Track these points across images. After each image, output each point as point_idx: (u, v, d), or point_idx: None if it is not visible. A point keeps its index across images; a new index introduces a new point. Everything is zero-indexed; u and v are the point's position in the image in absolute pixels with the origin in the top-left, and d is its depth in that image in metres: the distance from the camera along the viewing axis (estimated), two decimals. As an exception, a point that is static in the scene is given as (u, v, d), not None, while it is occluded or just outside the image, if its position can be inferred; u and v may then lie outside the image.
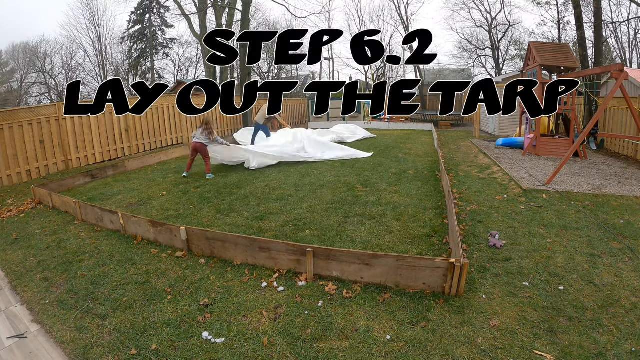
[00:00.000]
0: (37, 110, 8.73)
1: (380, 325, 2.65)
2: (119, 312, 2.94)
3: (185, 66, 37.73)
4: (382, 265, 3.06)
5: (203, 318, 2.80)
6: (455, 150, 10.19)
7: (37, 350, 2.61)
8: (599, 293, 2.97)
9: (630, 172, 6.89)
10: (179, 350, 2.47)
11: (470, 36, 29.56)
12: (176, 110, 12.78)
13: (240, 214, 5.18)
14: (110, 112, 10.35)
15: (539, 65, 8.69)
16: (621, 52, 24.86)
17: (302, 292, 3.09)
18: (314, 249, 3.25)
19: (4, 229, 5.19)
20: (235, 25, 19.02)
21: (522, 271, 3.34)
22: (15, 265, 3.98)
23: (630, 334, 2.48)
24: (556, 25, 21.83)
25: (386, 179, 6.83)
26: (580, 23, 10.56)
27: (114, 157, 10.49)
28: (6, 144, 7.88)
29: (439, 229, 4.35)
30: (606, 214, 4.68)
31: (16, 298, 3.34)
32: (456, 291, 2.93)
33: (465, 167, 7.91)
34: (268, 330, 2.64)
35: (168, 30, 34.92)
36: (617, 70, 6.26)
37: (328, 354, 2.38)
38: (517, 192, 5.68)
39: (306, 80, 35.47)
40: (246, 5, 14.74)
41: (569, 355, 2.30)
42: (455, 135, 14.04)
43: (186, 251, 3.93)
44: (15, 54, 34.23)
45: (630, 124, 8.44)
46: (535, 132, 8.84)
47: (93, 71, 34.02)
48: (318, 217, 4.90)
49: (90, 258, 3.99)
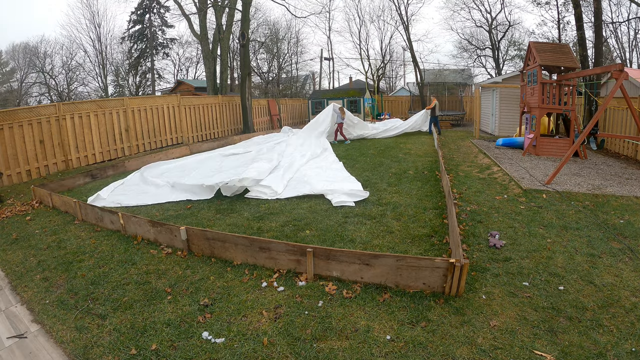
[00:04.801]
0: (37, 110, 8.73)
1: (380, 325, 2.65)
2: (119, 312, 2.94)
3: (185, 66, 37.77)
4: (382, 265, 3.06)
5: (203, 318, 2.80)
6: (455, 150, 10.19)
7: (37, 350, 2.61)
8: (599, 293, 2.97)
9: (630, 172, 6.88)
10: (179, 350, 2.47)
11: (470, 36, 29.57)
12: (176, 110, 12.79)
13: (240, 214, 5.18)
14: (110, 112, 10.37)
15: (539, 65, 8.68)
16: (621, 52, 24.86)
17: (302, 292, 3.09)
18: (314, 249, 3.25)
19: (4, 229, 5.19)
20: (235, 25, 19.05)
21: (522, 271, 3.34)
22: (15, 265, 3.98)
23: (630, 334, 2.48)
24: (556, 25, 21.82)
25: (386, 179, 6.83)
26: (580, 23, 10.56)
27: (114, 157, 10.50)
28: (6, 144, 7.88)
29: (439, 229, 4.35)
30: (606, 214, 4.67)
31: (16, 298, 3.34)
32: (456, 291, 2.93)
33: (465, 167, 7.91)
34: (268, 330, 2.64)
35: (168, 30, 34.98)
36: (617, 70, 6.25)
37: (328, 354, 2.38)
38: (517, 192, 5.68)
39: (306, 80, 35.46)
40: (246, 5, 14.74)
41: (569, 355, 2.30)
42: (455, 135, 14.04)
43: (186, 251, 3.93)
44: (15, 54, 34.27)
45: (630, 124, 8.44)
46: (535, 132, 8.84)
47: (93, 71, 34.05)
48: (318, 217, 4.89)
49: (90, 258, 3.99)
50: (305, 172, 7.00)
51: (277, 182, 6.19)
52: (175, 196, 6.04)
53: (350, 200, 5.44)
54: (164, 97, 13.19)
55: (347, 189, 5.71)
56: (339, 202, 5.36)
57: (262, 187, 5.99)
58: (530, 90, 9.33)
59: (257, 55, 31.56)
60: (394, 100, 25.44)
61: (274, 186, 5.99)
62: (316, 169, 7.33)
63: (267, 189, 5.95)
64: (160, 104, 12.21)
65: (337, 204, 5.32)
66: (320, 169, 7.42)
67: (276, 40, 31.95)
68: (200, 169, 7.54)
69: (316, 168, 7.45)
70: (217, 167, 7.71)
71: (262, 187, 5.98)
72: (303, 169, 7.35)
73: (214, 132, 14.74)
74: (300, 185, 6.22)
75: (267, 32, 31.95)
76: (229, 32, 18.30)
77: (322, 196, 5.75)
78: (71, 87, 34.45)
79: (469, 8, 27.80)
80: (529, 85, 9.48)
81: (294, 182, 6.51)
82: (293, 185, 6.33)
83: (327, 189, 5.83)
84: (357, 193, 5.64)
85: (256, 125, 16.64)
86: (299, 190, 5.96)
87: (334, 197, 5.52)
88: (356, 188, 5.83)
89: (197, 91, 22.41)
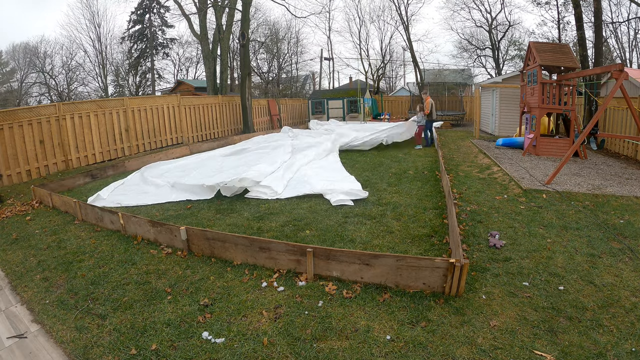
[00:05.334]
0: (37, 110, 8.73)
1: (380, 325, 2.65)
2: (119, 312, 2.94)
3: (185, 66, 37.77)
4: (382, 265, 3.06)
5: (203, 318, 2.80)
6: (455, 150, 10.18)
7: (37, 350, 2.61)
8: (599, 293, 2.97)
9: (630, 172, 6.88)
10: (179, 350, 2.47)
11: (470, 36, 29.57)
12: (176, 110, 12.79)
13: (240, 214, 5.18)
14: (110, 112, 10.36)
15: (539, 65, 8.68)
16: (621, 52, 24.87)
17: (302, 292, 3.09)
18: (314, 249, 3.25)
19: (4, 229, 5.19)
20: (235, 25, 19.05)
21: (522, 271, 3.34)
22: (15, 265, 3.98)
23: (630, 334, 2.48)
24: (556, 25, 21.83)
25: (386, 179, 6.83)
26: (580, 23, 10.55)
27: (113, 157, 10.49)
28: (6, 144, 7.88)
29: (439, 229, 4.35)
30: (606, 214, 4.67)
31: (16, 298, 3.34)
32: (456, 291, 2.93)
33: (465, 167, 7.91)
34: (268, 330, 2.64)
35: (168, 30, 34.98)
36: (617, 70, 6.25)
37: (328, 354, 2.38)
38: (517, 192, 5.68)
39: (306, 80, 35.46)
40: (246, 5, 14.74)
41: (569, 355, 2.30)
42: (455, 135, 14.03)
43: (186, 251, 3.93)
44: (15, 54, 34.28)
45: (630, 124, 8.44)
46: (535, 132, 8.84)
47: (93, 71, 34.07)
48: (318, 217, 4.89)
49: (90, 258, 3.99)
50: (306, 172, 6.99)
51: (277, 182, 6.18)
52: (175, 196, 6.04)
53: (348, 199, 5.44)
54: (164, 97, 13.19)
55: (346, 189, 5.71)
56: (338, 201, 5.36)
57: (262, 187, 5.99)
58: (530, 90, 9.33)
59: (257, 55, 31.57)
60: (394, 100, 25.45)
61: (273, 186, 5.98)
62: (317, 169, 7.31)
63: (267, 189, 5.95)
64: (160, 104, 12.21)
65: (336, 203, 5.33)
66: (321, 168, 7.40)
67: (276, 40, 31.97)
68: (201, 169, 7.52)
69: (317, 168, 7.44)
70: (218, 167, 7.69)
71: (262, 187, 5.98)
72: (303, 168, 7.33)
73: (214, 132, 14.74)
74: (300, 185, 6.21)
75: (267, 32, 31.98)
76: (229, 32, 18.30)
77: (322, 196, 5.74)
78: (71, 87, 34.47)
79: (469, 8, 27.84)
80: (529, 85, 9.48)
81: (294, 182, 6.49)
82: (293, 185, 6.32)
83: (327, 188, 5.81)
84: (356, 193, 5.63)
85: (256, 125, 16.64)
86: (299, 190, 5.95)
87: (333, 196, 5.52)
88: (355, 188, 5.81)
89: (197, 91, 22.42)
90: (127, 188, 6.74)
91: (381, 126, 12.45)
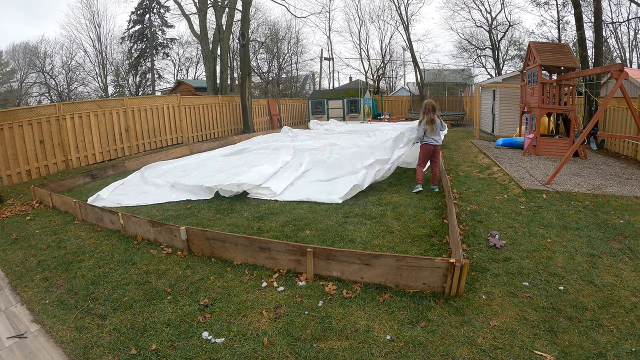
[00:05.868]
0: (37, 110, 8.73)
1: (380, 325, 2.65)
2: (119, 312, 2.94)
3: (185, 66, 37.79)
4: (382, 265, 3.06)
5: (203, 318, 2.80)
6: (455, 150, 10.19)
7: (37, 350, 2.61)
8: (599, 293, 2.97)
9: (630, 172, 6.88)
10: (179, 350, 2.47)
11: (470, 36, 29.59)
12: (176, 110, 12.79)
13: (240, 214, 5.18)
14: (110, 112, 10.37)
15: (538, 65, 8.68)
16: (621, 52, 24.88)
17: (302, 292, 3.09)
18: (314, 249, 3.25)
19: (4, 229, 5.19)
20: (235, 25, 19.05)
21: (522, 271, 3.34)
22: (15, 265, 3.98)
23: (630, 334, 2.48)
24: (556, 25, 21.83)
25: (386, 179, 6.82)
26: (580, 23, 10.56)
27: (113, 157, 10.50)
28: (6, 144, 7.89)
29: (439, 229, 4.35)
30: (606, 214, 4.67)
31: (16, 298, 3.34)
32: (456, 291, 2.93)
33: (465, 167, 7.91)
34: (268, 330, 2.64)
35: (168, 30, 34.99)
36: (617, 70, 6.25)
37: (328, 354, 2.38)
38: (517, 192, 5.68)
39: (306, 80, 35.46)
40: (246, 5, 14.74)
41: (569, 355, 2.30)
42: (455, 135, 14.03)
43: (186, 251, 3.93)
44: (15, 54, 34.30)
45: (630, 124, 8.44)
46: (535, 132, 8.84)
47: (93, 71, 34.09)
48: (318, 217, 4.89)
49: (90, 258, 3.99)
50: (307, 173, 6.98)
51: (278, 184, 6.17)
52: (175, 196, 6.04)
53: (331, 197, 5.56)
54: (164, 97, 13.19)
55: (338, 188, 5.81)
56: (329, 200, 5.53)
57: (262, 188, 5.99)
58: (530, 90, 9.33)
59: (257, 55, 31.57)
60: (394, 100, 25.45)
61: (273, 187, 5.98)
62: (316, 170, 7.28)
63: (266, 190, 5.94)
64: (160, 104, 12.21)
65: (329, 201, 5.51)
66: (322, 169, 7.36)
67: (276, 40, 31.97)
68: (201, 169, 7.51)
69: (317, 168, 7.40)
70: (218, 167, 7.67)
71: (262, 189, 5.98)
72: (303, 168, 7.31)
73: (214, 132, 14.74)
74: (300, 189, 6.15)
75: (267, 32, 31.99)
76: (229, 32, 18.30)
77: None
78: (71, 87, 34.49)
79: (469, 8, 27.86)
80: (529, 85, 9.48)
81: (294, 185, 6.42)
82: (293, 188, 6.26)
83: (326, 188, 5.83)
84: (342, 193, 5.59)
85: (256, 125, 16.64)
86: (299, 193, 5.90)
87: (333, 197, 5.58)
88: (342, 192, 5.63)
89: (197, 91, 22.42)
90: (127, 188, 6.75)
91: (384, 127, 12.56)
